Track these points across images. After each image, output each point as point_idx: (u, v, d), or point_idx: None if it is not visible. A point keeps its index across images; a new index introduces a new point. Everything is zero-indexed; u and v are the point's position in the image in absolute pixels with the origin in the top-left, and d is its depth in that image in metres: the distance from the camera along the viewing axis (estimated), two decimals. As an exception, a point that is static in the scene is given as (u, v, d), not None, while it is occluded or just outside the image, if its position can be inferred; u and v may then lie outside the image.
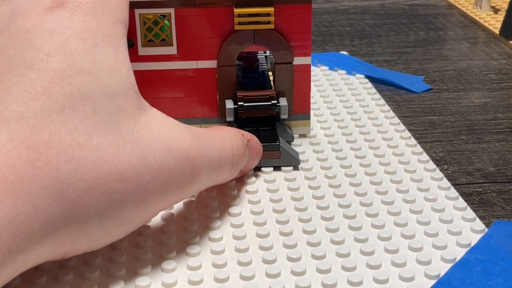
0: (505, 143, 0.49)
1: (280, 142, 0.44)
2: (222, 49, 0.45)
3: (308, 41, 0.45)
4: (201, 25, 0.44)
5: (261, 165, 0.43)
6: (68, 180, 0.29)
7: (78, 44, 0.31)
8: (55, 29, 0.31)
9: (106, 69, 0.32)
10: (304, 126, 0.48)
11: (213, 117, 0.47)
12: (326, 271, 0.34)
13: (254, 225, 0.38)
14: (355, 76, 0.60)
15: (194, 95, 0.46)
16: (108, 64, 0.32)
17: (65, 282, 0.33)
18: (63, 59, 0.31)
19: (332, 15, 0.82)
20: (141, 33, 0.44)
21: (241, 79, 0.49)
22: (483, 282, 0.33)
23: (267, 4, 0.44)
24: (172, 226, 0.38)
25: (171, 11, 0.44)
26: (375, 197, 0.40)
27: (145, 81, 0.45)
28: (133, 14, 0.43)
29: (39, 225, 0.28)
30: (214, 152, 0.35)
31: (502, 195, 0.42)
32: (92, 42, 0.32)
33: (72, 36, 0.31)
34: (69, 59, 0.31)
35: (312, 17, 0.45)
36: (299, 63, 0.46)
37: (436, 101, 0.57)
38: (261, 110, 0.45)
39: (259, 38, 0.44)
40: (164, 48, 0.45)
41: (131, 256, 0.35)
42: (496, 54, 0.68)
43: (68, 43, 0.31)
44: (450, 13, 0.82)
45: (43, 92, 0.30)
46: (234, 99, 0.45)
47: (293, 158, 0.44)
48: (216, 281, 0.33)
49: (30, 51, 0.31)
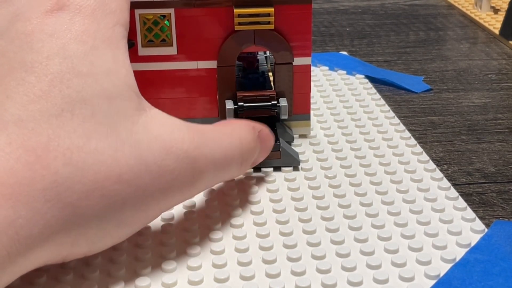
0: (505, 143, 0.49)
1: (280, 142, 0.44)
2: (222, 49, 0.45)
3: (308, 41, 0.45)
4: (201, 25, 0.44)
5: (261, 165, 0.43)
6: (67, 184, 0.29)
7: (78, 47, 0.31)
8: (55, 32, 0.31)
9: (104, 72, 0.32)
10: (304, 127, 0.48)
11: (213, 118, 0.47)
12: (326, 271, 0.34)
13: (254, 225, 0.38)
14: (355, 76, 0.60)
15: (194, 95, 0.46)
16: (107, 67, 0.32)
17: (65, 282, 0.33)
18: (62, 62, 0.31)
19: (332, 15, 0.82)
20: (141, 33, 0.44)
21: (241, 79, 0.49)
22: (483, 282, 0.33)
23: (267, 5, 0.44)
24: (172, 226, 0.38)
25: (171, 11, 0.44)
26: (375, 197, 0.40)
27: (145, 82, 0.45)
28: (133, 14, 0.43)
29: (39, 228, 0.28)
30: (220, 150, 0.35)
31: (502, 195, 0.42)
32: (91, 45, 0.32)
33: (71, 39, 0.32)
34: (68, 62, 0.31)
35: (312, 17, 0.45)
36: (299, 63, 0.46)
37: (436, 101, 0.57)
38: (261, 110, 0.45)
39: (259, 39, 0.44)
40: (164, 48, 0.45)
41: (131, 256, 0.35)
42: (496, 54, 0.68)
43: (67, 46, 0.31)
44: (450, 13, 0.82)
45: (41, 96, 0.30)
46: (234, 99, 0.45)
47: (293, 159, 0.44)
48: (216, 281, 0.33)
49: (30, 55, 0.31)
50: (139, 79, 0.45)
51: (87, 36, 0.32)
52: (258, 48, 0.46)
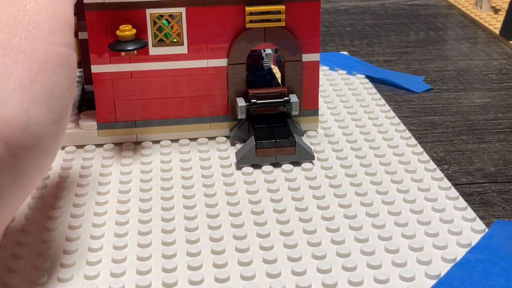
0: (506, 143, 0.49)
1: (295, 138, 0.44)
2: (233, 47, 0.45)
3: (317, 38, 0.46)
4: (212, 24, 0.45)
5: (277, 160, 0.44)
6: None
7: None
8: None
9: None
10: (312, 122, 0.48)
11: (223, 115, 0.47)
12: (327, 271, 0.34)
13: (254, 225, 0.38)
14: (355, 76, 0.60)
15: (204, 93, 0.46)
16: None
17: (65, 281, 0.33)
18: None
19: (332, 15, 0.82)
20: (152, 33, 0.44)
21: (249, 77, 0.49)
22: (483, 282, 0.33)
23: (278, 2, 0.44)
24: (172, 226, 0.38)
25: (182, 10, 0.44)
26: (375, 197, 0.40)
27: (156, 81, 0.45)
28: (144, 14, 0.44)
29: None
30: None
31: (502, 195, 0.42)
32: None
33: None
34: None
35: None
36: (308, 60, 0.46)
37: (437, 101, 0.57)
38: (273, 107, 0.45)
39: (269, 36, 0.45)
40: (175, 47, 0.45)
41: (133, 256, 0.35)
42: (496, 54, 0.68)
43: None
44: (450, 13, 0.82)
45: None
46: (244, 97, 0.46)
47: (308, 153, 0.44)
48: (217, 281, 0.33)
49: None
50: (150, 78, 0.46)
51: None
52: (267, 46, 0.46)
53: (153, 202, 0.40)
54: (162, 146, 0.47)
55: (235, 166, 0.44)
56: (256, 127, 0.45)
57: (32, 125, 0.30)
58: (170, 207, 0.39)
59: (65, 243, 0.36)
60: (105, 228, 0.38)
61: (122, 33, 0.43)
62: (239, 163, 0.44)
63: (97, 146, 0.47)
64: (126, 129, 0.47)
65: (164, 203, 0.40)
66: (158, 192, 0.41)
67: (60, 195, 0.41)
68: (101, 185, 0.42)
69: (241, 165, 0.44)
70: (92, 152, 0.46)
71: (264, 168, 0.44)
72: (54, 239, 0.37)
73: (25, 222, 0.38)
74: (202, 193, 0.41)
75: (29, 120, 0.30)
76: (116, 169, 0.44)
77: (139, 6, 0.44)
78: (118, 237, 0.37)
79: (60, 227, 0.38)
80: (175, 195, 0.41)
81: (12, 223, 0.38)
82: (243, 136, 0.47)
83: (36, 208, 0.39)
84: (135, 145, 0.47)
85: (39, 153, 0.31)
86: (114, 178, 0.43)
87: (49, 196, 0.41)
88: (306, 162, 0.44)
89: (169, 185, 0.42)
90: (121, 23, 0.43)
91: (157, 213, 0.39)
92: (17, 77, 0.30)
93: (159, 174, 0.43)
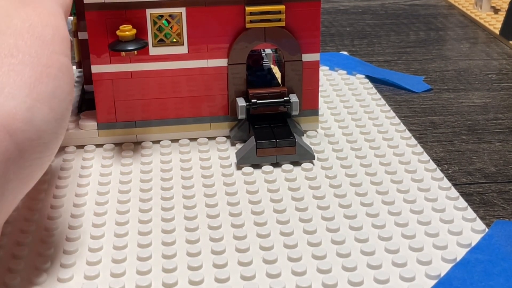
0: (506, 143, 0.49)
1: (295, 138, 0.44)
2: (233, 47, 0.45)
3: (317, 38, 0.46)
4: (212, 24, 0.45)
5: (277, 160, 0.44)
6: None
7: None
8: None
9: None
10: (312, 122, 0.48)
11: (223, 115, 0.47)
12: (327, 271, 0.34)
13: (254, 225, 0.38)
14: (355, 76, 0.60)
15: (204, 93, 0.46)
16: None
17: (65, 282, 0.33)
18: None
19: (332, 15, 0.82)
20: (152, 33, 0.44)
21: (249, 77, 0.49)
22: (483, 282, 0.33)
23: (278, 2, 0.44)
24: (172, 226, 0.38)
25: (182, 10, 0.44)
26: (375, 197, 0.40)
27: (156, 81, 0.45)
28: (144, 14, 0.44)
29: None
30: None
31: (502, 195, 0.42)
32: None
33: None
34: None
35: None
36: (308, 59, 0.46)
37: (437, 101, 0.57)
38: (273, 107, 0.46)
39: (269, 36, 0.45)
40: (175, 47, 0.45)
41: (133, 256, 0.35)
42: (496, 54, 0.68)
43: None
44: (450, 13, 0.82)
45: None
46: (245, 97, 0.46)
47: (308, 153, 0.44)
48: (217, 281, 0.33)
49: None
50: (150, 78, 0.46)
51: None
52: (267, 46, 0.46)
53: (153, 202, 0.40)
54: (162, 146, 0.47)
55: (235, 166, 0.44)
56: (256, 127, 0.45)
57: (35, 120, 0.31)
58: (170, 207, 0.40)
59: (65, 243, 0.36)
60: (105, 228, 0.38)
61: (122, 33, 0.43)
62: (239, 163, 0.44)
63: (97, 146, 0.47)
64: (126, 129, 0.47)
65: (164, 203, 0.40)
66: (158, 192, 0.41)
67: (60, 195, 0.41)
68: (101, 185, 0.42)
69: (241, 165, 0.44)
70: (92, 152, 0.46)
71: (264, 168, 0.44)
72: (54, 239, 0.37)
73: (25, 222, 0.38)
74: (202, 193, 0.41)
75: (33, 116, 0.31)
76: (116, 169, 0.44)
77: (139, 6, 0.44)
78: (118, 237, 0.37)
79: (60, 227, 0.38)
80: (175, 195, 0.41)
81: (12, 223, 0.38)
82: (243, 136, 0.47)
83: (36, 208, 0.39)
84: (135, 145, 0.47)
85: (41, 147, 0.32)
86: (114, 178, 0.43)
87: (49, 196, 0.41)
88: (306, 162, 0.44)
89: (169, 185, 0.42)
90: (121, 23, 0.44)
91: (157, 213, 0.39)
92: (23, 76, 0.31)
93: (159, 174, 0.43)
